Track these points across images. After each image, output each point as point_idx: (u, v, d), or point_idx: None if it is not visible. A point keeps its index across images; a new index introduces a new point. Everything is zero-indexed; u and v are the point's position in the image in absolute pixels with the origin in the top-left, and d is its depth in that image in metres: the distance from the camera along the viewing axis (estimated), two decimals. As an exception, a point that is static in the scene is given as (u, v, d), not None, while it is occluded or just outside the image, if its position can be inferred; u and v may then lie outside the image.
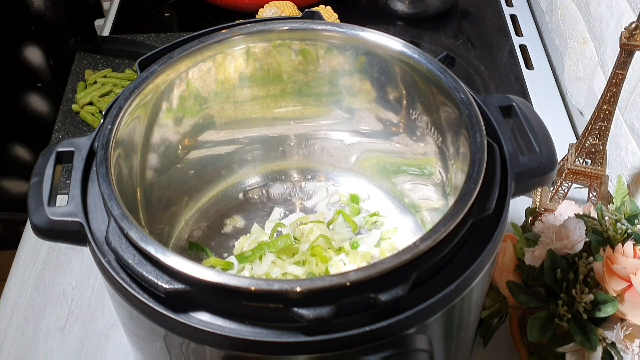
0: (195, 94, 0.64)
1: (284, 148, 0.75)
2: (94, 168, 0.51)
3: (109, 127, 0.52)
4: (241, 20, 0.65)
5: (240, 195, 0.75)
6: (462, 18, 1.18)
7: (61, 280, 0.78)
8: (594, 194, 0.75)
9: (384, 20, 1.16)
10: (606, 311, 0.58)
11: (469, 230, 0.46)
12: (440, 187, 0.64)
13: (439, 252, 0.44)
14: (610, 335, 0.58)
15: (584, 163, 0.74)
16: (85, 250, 0.49)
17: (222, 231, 0.71)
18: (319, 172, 0.76)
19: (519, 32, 1.13)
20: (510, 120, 0.58)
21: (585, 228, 0.62)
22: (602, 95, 0.69)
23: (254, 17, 1.04)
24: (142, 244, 0.44)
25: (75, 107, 0.96)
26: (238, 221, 0.72)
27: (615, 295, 0.58)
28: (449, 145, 0.60)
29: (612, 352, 0.58)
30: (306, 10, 0.66)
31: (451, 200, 0.47)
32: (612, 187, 0.77)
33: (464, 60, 1.07)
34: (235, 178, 0.75)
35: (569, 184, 0.76)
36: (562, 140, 0.84)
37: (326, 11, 1.04)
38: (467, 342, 0.58)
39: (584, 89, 0.96)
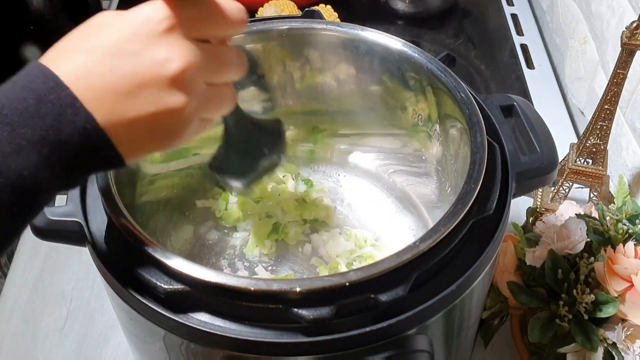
0: (195, 94, 0.64)
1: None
2: (93, 168, 0.51)
3: (108, 126, 0.52)
4: (241, 20, 0.64)
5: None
6: (463, 17, 1.18)
7: (60, 281, 0.78)
8: (595, 194, 0.75)
9: (384, 19, 1.16)
10: (607, 312, 0.58)
11: (470, 231, 0.46)
12: (441, 186, 0.64)
13: (439, 252, 0.44)
14: (612, 335, 0.58)
15: (585, 163, 0.74)
16: (84, 250, 0.49)
17: (223, 230, 0.71)
18: (318, 172, 0.76)
19: (519, 32, 1.13)
20: (511, 119, 0.57)
21: (586, 228, 0.62)
22: (603, 95, 0.68)
23: (254, 16, 1.04)
24: (140, 245, 0.44)
25: (74, 106, 0.96)
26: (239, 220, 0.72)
27: (616, 295, 0.58)
28: (450, 144, 0.59)
29: (613, 353, 0.58)
30: (306, 9, 0.65)
31: (451, 200, 0.47)
32: (613, 187, 0.77)
33: (464, 59, 1.07)
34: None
35: (570, 184, 0.75)
36: (563, 140, 0.83)
37: (326, 10, 1.04)
38: (467, 342, 0.58)
39: (585, 89, 0.95)
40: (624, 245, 0.60)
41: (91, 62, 0.35)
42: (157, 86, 0.35)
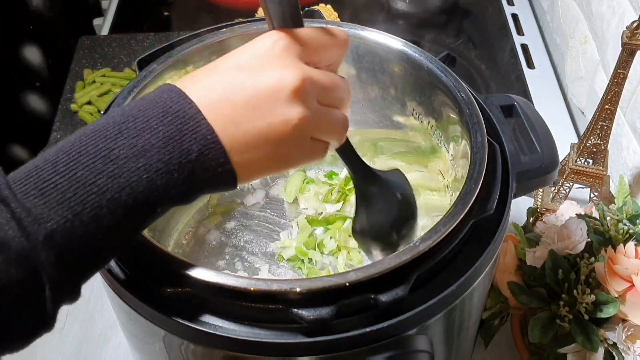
0: (195, 93, 0.64)
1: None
2: (93, 168, 0.51)
3: (108, 126, 0.52)
4: (240, 20, 0.64)
5: (240, 194, 0.74)
6: (463, 17, 1.18)
7: (60, 281, 0.78)
8: (596, 194, 0.74)
9: (384, 19, 1.16)
10: (608, 312, 0.58)
11: (470, 231, 0.46)
12: (441, 187, 0.64)
13: (440, 252, 0.44)
14: (612, 336, 0.58)
15: (586, 163, 0.74)
16: (84, 250, 0.49)
17: (224, 229, 0.71)
18: (318, 171, 0.76)
19: (520, 31, 1.13)
20: (512, 119, 0.57)
21: (586, 228, 0.61)
22: (603, 95, 0.68)
23: (254, 16, 1.04)
24: (141, 245, 0.44)
25: (74, 106, 0.96)
26: (239, 218, 0.72)
27: (616, 295, 0.58)
28: (450, 144, 0.59)
29: (614, 353, 0.58)
30: (306, 9, 0.65)
31: (452, 201, 0.47)
32: (613, 187, 0.77)
33: (465, 59, 1.07)
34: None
35: (571, 184, 0.75)
36: (564, 140, 0.83)
37: (326, 10, 1.04)
38: (468, 342, 0.58)
39: (585, 89, 0.95)
40: (624, 246, 0.60)
41: (212, 78, 0.38)
42: (274, 98, 0.38)
